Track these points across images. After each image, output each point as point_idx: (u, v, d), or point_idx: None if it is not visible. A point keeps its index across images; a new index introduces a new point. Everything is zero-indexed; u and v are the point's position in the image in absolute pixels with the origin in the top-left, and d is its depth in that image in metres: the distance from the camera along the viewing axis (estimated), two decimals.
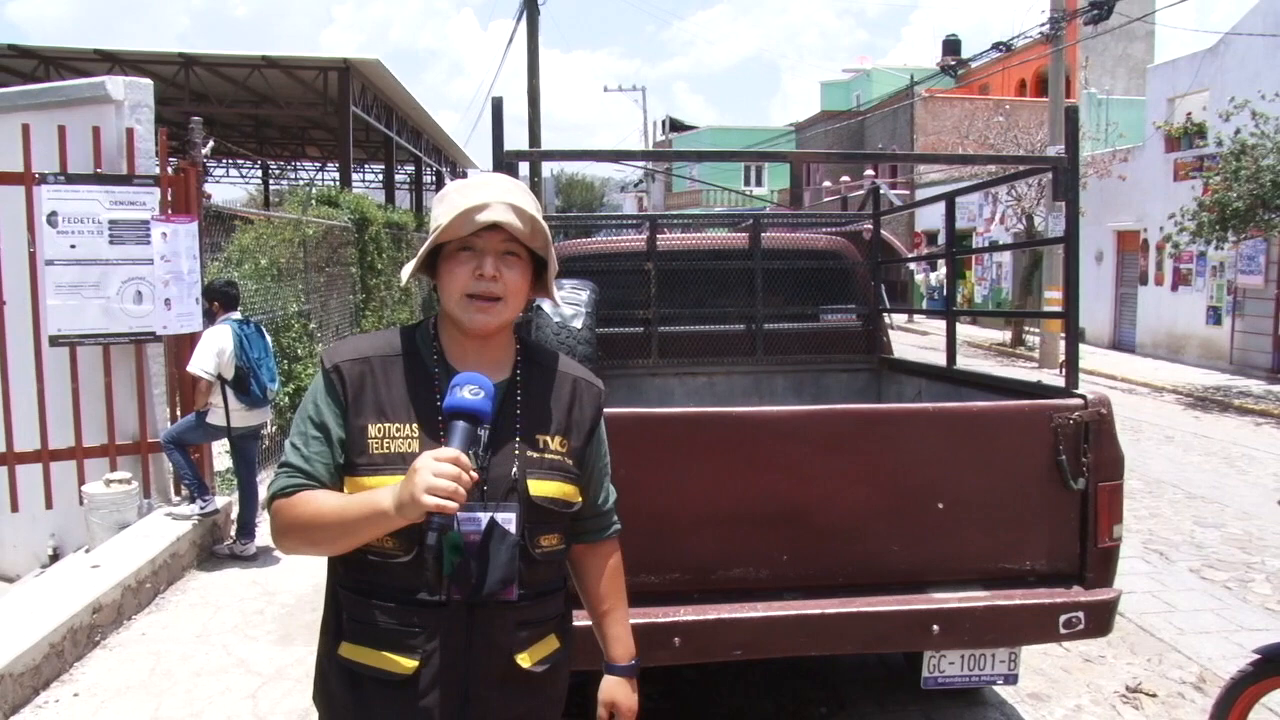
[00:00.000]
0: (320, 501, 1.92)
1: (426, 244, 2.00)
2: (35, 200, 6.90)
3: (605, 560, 2.27)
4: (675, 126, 57.50)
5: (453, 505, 1.73)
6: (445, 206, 1.96)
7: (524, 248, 2.01)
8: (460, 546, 1.88)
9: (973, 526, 3.61)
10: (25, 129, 6.86)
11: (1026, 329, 23.09)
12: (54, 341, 7.07)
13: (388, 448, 1.93)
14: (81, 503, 7.05)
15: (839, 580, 3.54)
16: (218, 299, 7.19)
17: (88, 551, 6.73)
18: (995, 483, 3.62)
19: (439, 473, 1.72)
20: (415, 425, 1.95)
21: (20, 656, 4.89)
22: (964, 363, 5.47)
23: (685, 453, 3.45)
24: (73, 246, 7.02)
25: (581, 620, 2.23)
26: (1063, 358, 4.26)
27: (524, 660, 2.01)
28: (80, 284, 7.06)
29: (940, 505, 3.57)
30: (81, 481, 7.18)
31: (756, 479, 3.47)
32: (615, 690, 2.24)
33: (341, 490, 1.96)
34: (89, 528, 6.96)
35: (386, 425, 1.95)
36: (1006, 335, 23.99)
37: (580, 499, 2.09)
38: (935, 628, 3.50)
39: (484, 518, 1.91)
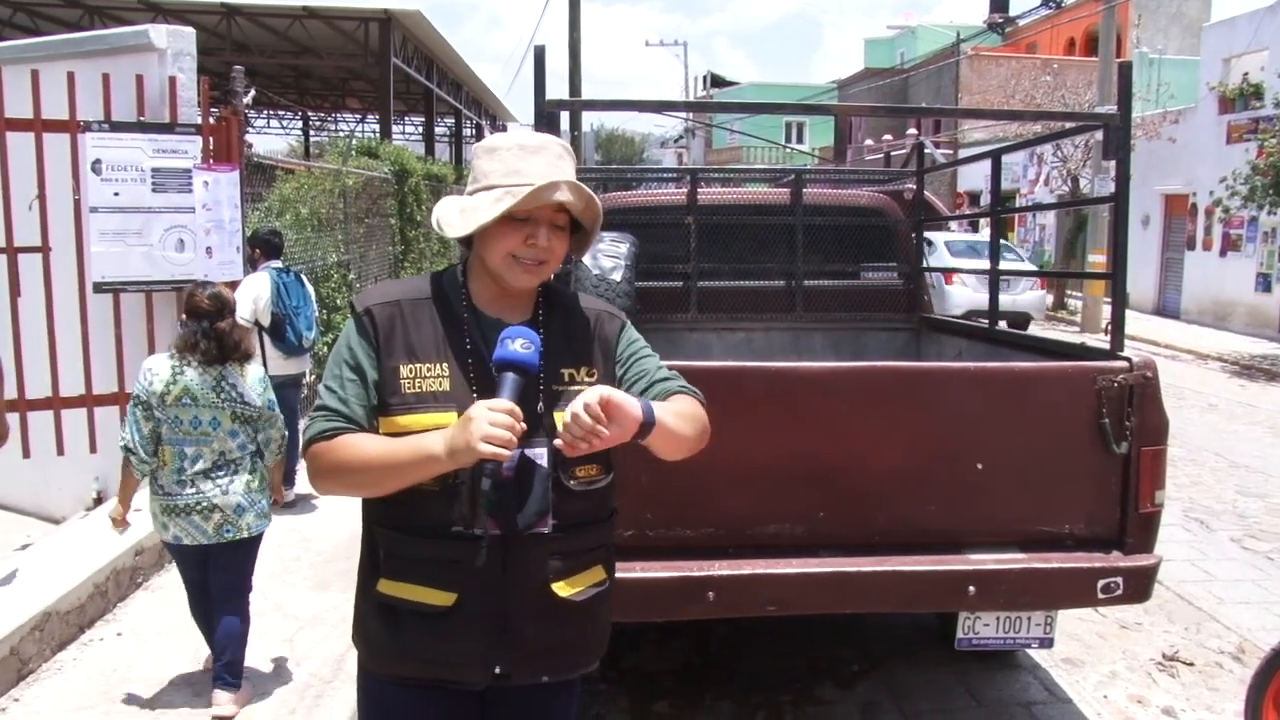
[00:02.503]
0: (364, 445, 1.97)
1: (493, 210, 1.98)
2: (80, 148, 6.94)
3: (677, 396, 2.16)
4: (716, 82, 56.90)
5: (505, 453, 1.79)
6: (501, 166, 2.02)
7: (569, 218, 2.08)
8: (496, 484, 1.90)
9: (1011, 488, 3.58)
10: (70, 77, 6.88)
11: (1069, 292, 22.79)
12: (98, 288, 7.13)
13: (419, 387, 2.00)
14: None
15: (875, 539, 3.53)
16: (260, 246, 7.25)
17: None
18: (1035, 444, 3.58)
19: (494, 421, 1.79)
20: (445, 365, 2.02)
21: (66, 595, 4.99)
22: (1004, 325, 5.40)
23: (723, 408, 3.39)
24: (116, 194, 7.05)
25: (621, 573, 2.23)
26: (1106, 321, 4.19)
27: (562, 589, 2.05)
28: (123, 231, 7.11)
29: (979, 466, 3.54)
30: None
31: (794, 435, 3.45)
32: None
33: (375, 430, 2.00)
34: None
35: (418, 365, 2.01)
36: (1048, 298, 23.72)
37: None
38: (971, 589, 3.48)
39: (516, 454, 1.93)
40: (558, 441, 1.87)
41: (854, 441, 3.49)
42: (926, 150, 6.33)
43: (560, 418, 1.93)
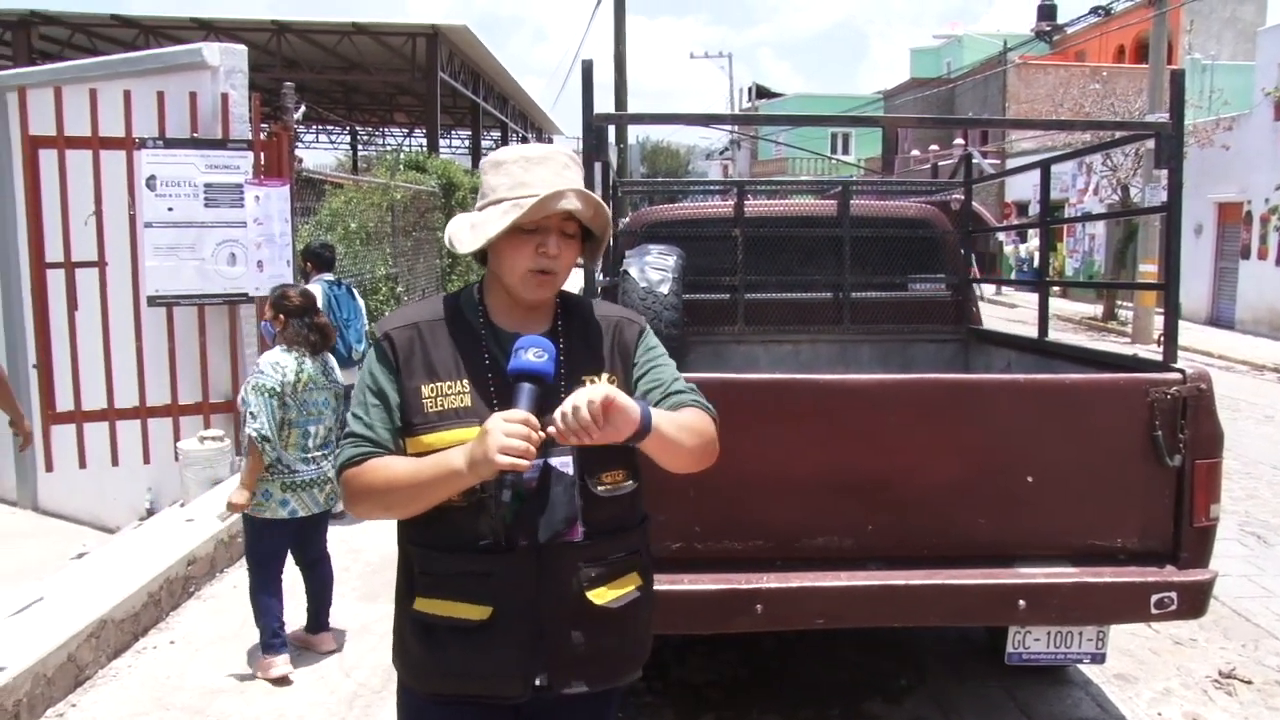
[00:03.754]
0: (391, 466, 2.00)
1: (500, 223, 2.01)
2: (135, 164, 7.08)
3: (686, 408, 2.14)
4: (761, 94, 56.88)
5: (524, 463, 1.80)
6: (507, 180, 2.06)
7: (579, 225, 2.09)
8: (521, 494, 1.92)
9: (1062, 501, 3.54)
10: (126, 95, 7.03)
11: (1119, 303, 22.50)
12: (152, 302, 7.27)
13: (442, 405, 2.03)
14: (176, 458, 7.26)
15: (923, 552, 3.50)
16: (312, 260, 7.34)
17: (182, 505, 6.94)
18: (1087, 457, 3.53)
19: (510, 432, 1.80)
20: (465, 381, 2.05)
21: (121, 604, 5.07)
22: (1054, 336, 5.35)
23: (771, 420, 3.43)
24: (170, 209, 7.19)
25: (657, 584, 2.23)
26: (1158, 332, 4.14)
27: (597, 597, 2.05)
28: (177, 246, 7.24)
29: (1029, 478, 3.50)
30: (177, 438, 7.39)
31: (842, 448, 3.44)
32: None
33: (403, 452, 2.03)
34: (183, 482, 7.17)
35: (439, 384, 2.04)
36: (1098, 309, 23.41)
37: None
38: (1021, 603, 3.45)
39: (538, 463, 1.95)
40: (551, 430, 1.85)
41: (902, 454, 3.47)
42: (974, 161, 6.28)
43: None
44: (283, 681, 4.75)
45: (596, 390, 1.82)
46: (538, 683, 2.03)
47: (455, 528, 2.00)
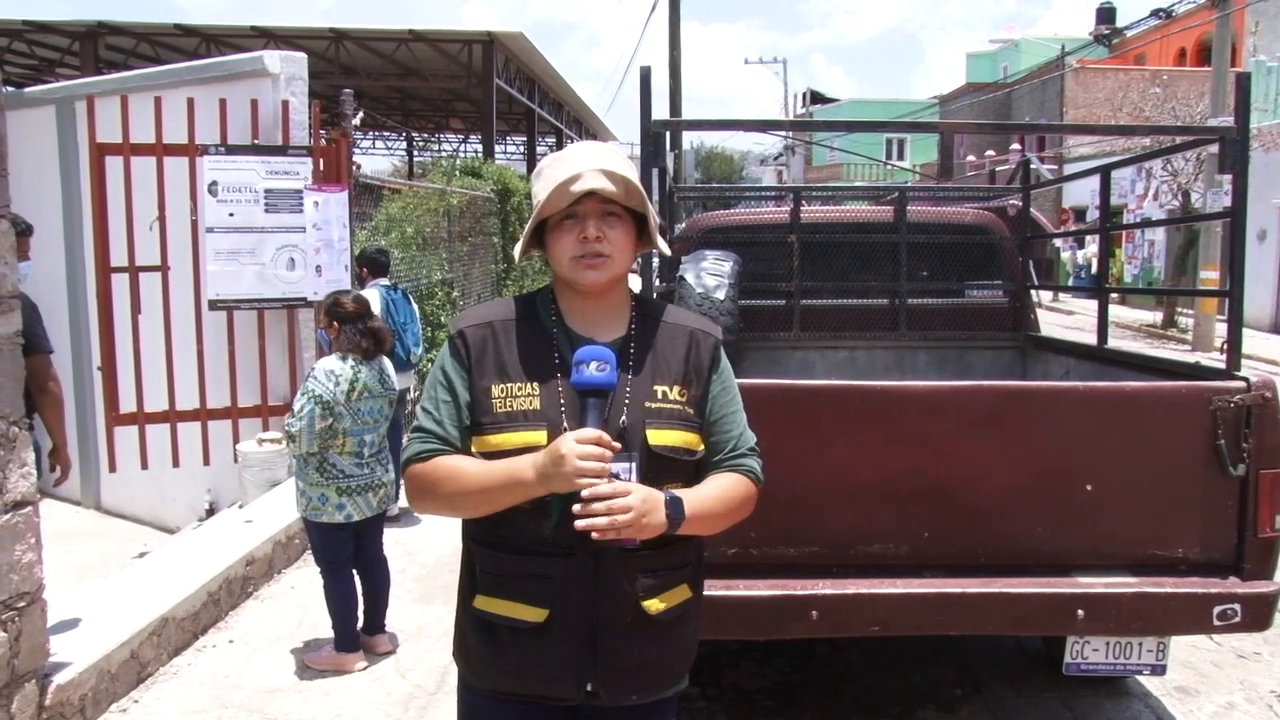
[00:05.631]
0: (459, 467, 2.02)
1: (531, 221, 2.09)
2: (198, 170, 7.20)
3: (726, 475, 2.14)
4: (815, 99, 56.57)
5: (601, 482, 1.84)
6: (542, 182, 2.05)
7: (623, 207, 2.07)
8: (573, 500, 1.90)
9: (1122, 510, 3.49)
10: (190, 103, 7.15)
11: (1179, 310, 22.11)
12: (212, 306, 7.38)
13: (511, 406, 2.02)
14: (236, 460, 7.37)
15: (980, 560, 3.47)
16: (368, 265, 7.43)
17: (241, 507, 7.05)
18: (1147, 466, 3.48)
19: (584, 455, 1.84)
20: (536, 384, 2.04)
21: (182, 603, 5.16)
22: (1113, 344, 5.27)
23: (827, 426, 3.42)
24: (231, 215, 7.30)
25: (712, 590, 2.23)
26: (1220, 340, 4.07)
27: (652, 607, 2.05)
28: (237, 251, 7.35)
29: (1088, 487, 3.46)
30: (236, 440, 7.51)
31: (898, 454, 3.42)
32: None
33: (470, 450, 2.05)
34: (242, 484, 7.28)
35: (509, 385, 2.04)
36: (1157, 316, 23.01)
37: (702, 446, 2.12)
38: (1080, 612, 3.41)
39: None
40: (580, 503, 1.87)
41: (959, 461, 3.44)
42: (1033, 166, 6.22)
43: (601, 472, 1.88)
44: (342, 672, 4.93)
45: (630, 510, 1.85)
46: (589, 688, 2.04)
47: (518, 529, 2.01)
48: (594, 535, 1.85)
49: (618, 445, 1.90)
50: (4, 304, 3.65)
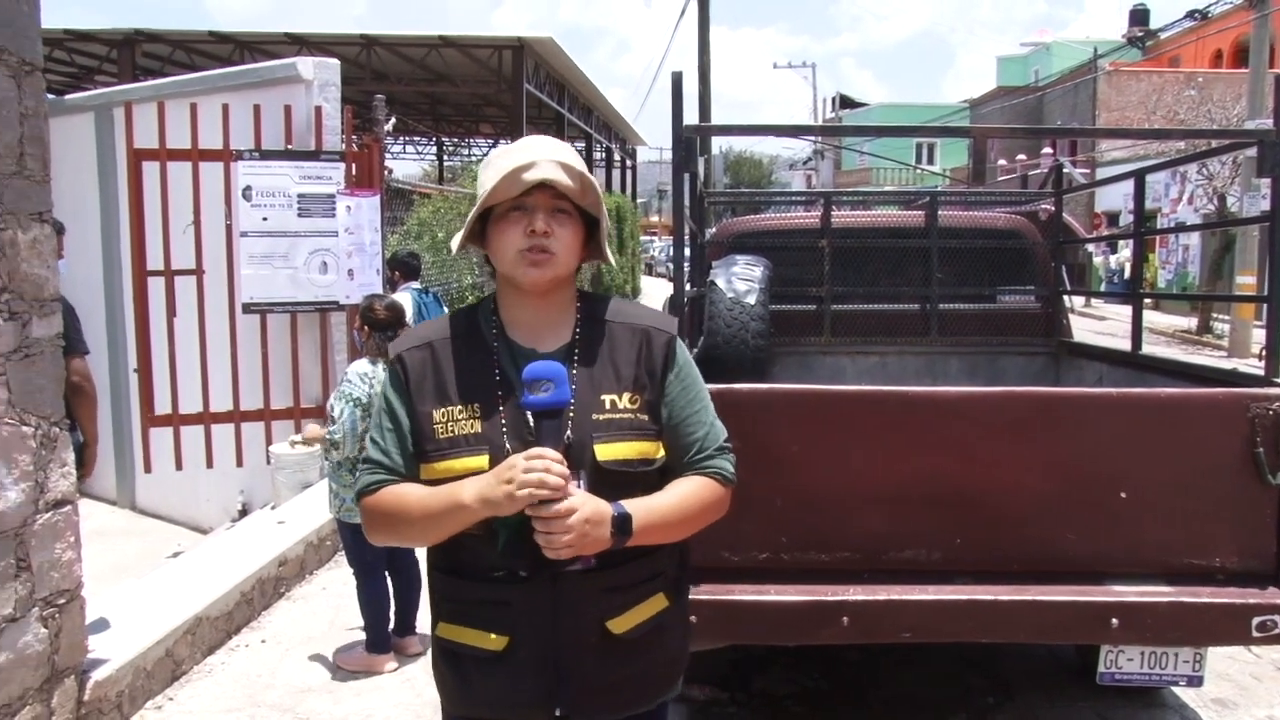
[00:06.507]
0: (404, 496, 1.95)
1: (474, 210, 1.97)
2: (232, 175, 7.28)
3: (690, 479, 2.04)
4: (845, 103, 56.44)
5: (546, 498, 1.77)
6: (491, 171, 1.94)
7: (574, 206, 1.98)
8: (521, 523, 1.84)
9: (1157, 518, 3.46)
10: (225, 109, 7.23)
11: (1214, 315, 21.88)
12: (246, 309, 7.45)
13: (453, 431, 1.94)
14: (268, 462, 7.44)
15: (1013, 566, 3.45)
16: (399, 269, 7.48)
17: (274, 508, 7.11)
18: (1183, 474, 3.45)
19: (529, 469, 1.77)
20: (476, 405, 1.95)
21: (215, 602, 5.21)
22: (1147, 349, 5.22)
23: (858, 431, 3.41)
24: (264, 219, 7.37)
25: (700, 594, 2.18)
26: (1258, 346, 4.03)
27: (618, 626, 1.97)
28: (271, 254, 7.42)
29: (1122, 494, 3.43)
30: (269, 442, 7.57)
31: (930, 460, 3.40)
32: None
33: (419, 477, 1.97)
34: (275, 485, 7.34)
35: (450, 409, 1.96)
36: (1192, 322, 22.78)
37: (661, 454, 2.01)
38: (1114, 621, 3.37)
39: None
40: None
41: (992, 467, 3.42)
42: (1065, 170, 6.18)
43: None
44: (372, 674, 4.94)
45: (572, 523, 1.78)
46: (558, 713, 1.98)
47: (473, 555, 1.95)
48: (546, 553, 1.80)
49: (566, 468, 1.81)
50: (46, 306, 3.71)
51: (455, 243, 2.04)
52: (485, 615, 1.96)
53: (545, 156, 1.92)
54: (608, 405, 1.96)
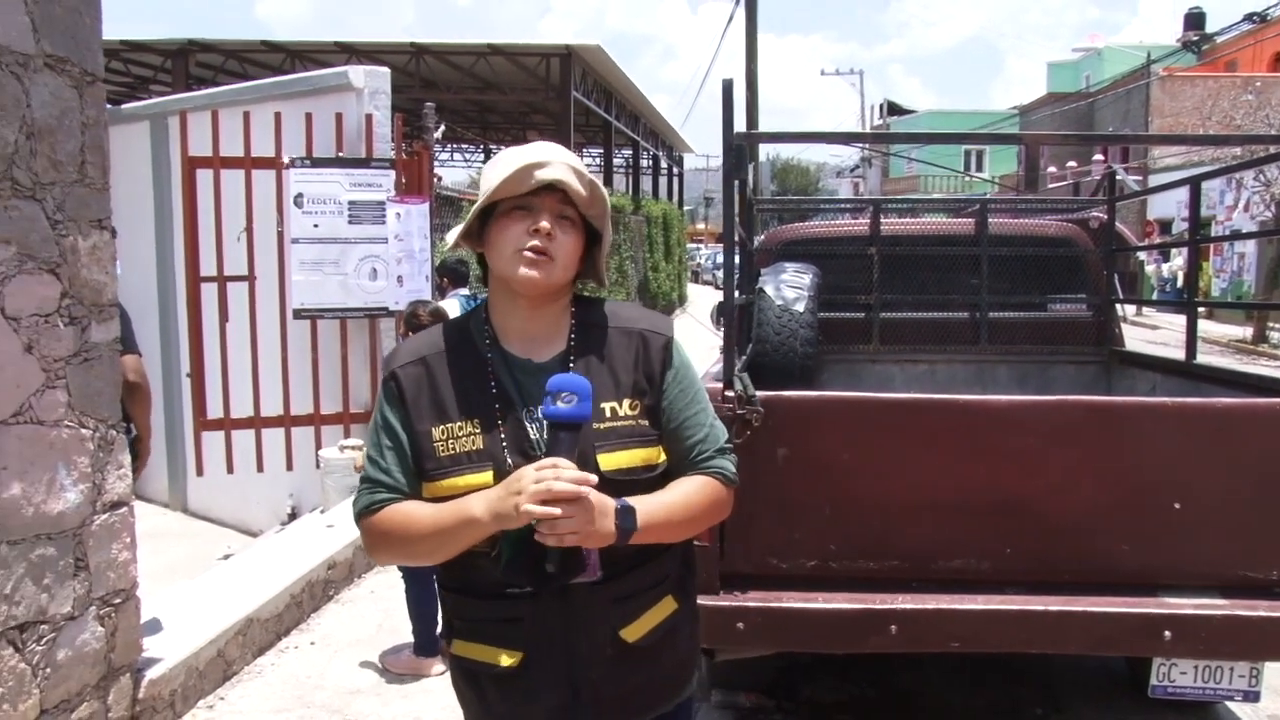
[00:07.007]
0: (412, 514, 1.91)
1: (478, 203, 1.93)
2: (284, 183, 7.37)
3: (693, 478, 2.00)
4: (893, 110, 56.18)
5: (557, 511, 1.73)
6: (499, 167, 1.91)
7: (579, 217, 1.95)
8: (523, 539, 1.82)
9: (1211, 529, 3.40)
10: (277, 117, 7.33)
11: (1271, 325, 21.49)
12: (297, 315, 7.54)
13: (453, 448, 1.91)
14: (318, 466, 7.51)
15: (1064, 577, 3.42)
16: (448, 275, 7.53)
17: (323, 512, 7.18)
18: (1238, 485, 3.40)
19: (538, 479, 1.73)
20: (476, 420, 1.92)
21: (266, 604, 5.28)
22: (1200, 359, 5.14)
23: (907, 439, 3.40)
24: (315, 226, 7.46)
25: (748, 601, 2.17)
26: None
27: (631, 634, 1.96)
28: (321, 261, 7.50)
29: (1176, 505, 3.39)
30: (318, 446, 7.65)
31: (980, 469, 3.38)
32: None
33: (421, 495, 1.94)
34: (324, 489, 7.42)
35: (449, 426, 1.92)
36: (1247, 331, 22.39)
37: (662, 459, 1.99)
38: (1167, 634, 3.33)
39: None
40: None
41: (1042, 477, 3.39)
42: (1119, 177, 6.11)
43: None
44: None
45: (575, 519, 1.75)
46: None
47: (482, 573, 1.92)
48: (548, 542, 1.76)
49: (592, 477, 1.77)
50: (104, 312, 3.78)
51: (452, 236, 2.01)
52: (498, 633, 1.95)
53: (558, 159, 1.90)
54: (608, 414, 1.93)
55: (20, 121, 3.36)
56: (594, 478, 1.77)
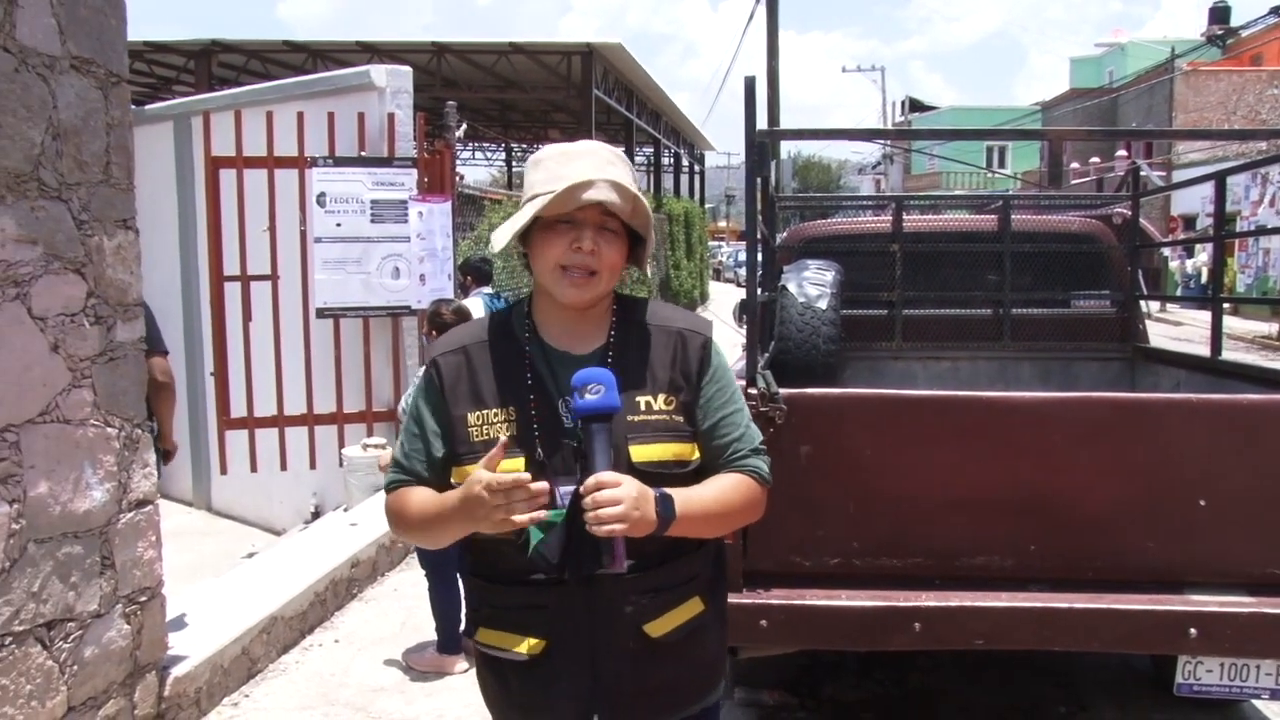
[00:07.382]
0: (415, 499, 1.99)
1: (526, 214, 1.94)
2: (307, 182, 7.41)
3: (729, 475, 2.02)
4: (915, 107, 55.89)
5: (524, 519, 1.76)
6: (544, 174, 1.94)
7: (622, 225, 1.98)
8: (550, 525, 1.85)
9: (1237, 527, 3.38)
10: (300, 116, 7.37)
11: None
12: (320, 314, 7.58)
13: (487, 434, 1.94)
14: (341, 464, 7.55)
15: (1088, 574, 3.40)
16: (471, 274, 7.56)
17: (346, 510, 7.22)
18: (1264, 482, 3.37)
19: (497, 504, 1.77)
20: (512, 408, 1.95)
21: (290, 602, 5.31)
22: (1226, 355, 5.10)
23: (931, 437, 3.39)
24: (338, 225, 7.50)
25: (772, 598, 2.17)
26: None
27: (655, 630, 1.96)
28: (344, 260, 7.54)
29: (1201, 502, 3.36)
30: (341, 445, 7.68)
31: (1004, 466, 3.37)
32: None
33: (448, 481, 1.98)
34: (347, 488, 7.45)
35: (485, 412, 1.96)
36: (1272, 328, 22.21)
37: (696, 455, 2.00)
38: (1192, 631, 3.30)
39: (567, 492, 1.87)
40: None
41: (1066, 474, 3.38)
42: (1143, 174, 6.06)
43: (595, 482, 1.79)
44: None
45: (617, 504, 1.75)
46: (595, 718, 1.98)
47: (507, 560, 1.94)
48: (597, 531, 1.75)
49: (542, 485, 1.79)
50: (129, 311, 3.81)
51: (499, 242, 2.01)
52: (522, 619, 1.97)
53: (601, 175, 1.90)
54: (643, 407, 1.96)
55: (47, 123, 3.39)
56: (528, 476, 1.79)
